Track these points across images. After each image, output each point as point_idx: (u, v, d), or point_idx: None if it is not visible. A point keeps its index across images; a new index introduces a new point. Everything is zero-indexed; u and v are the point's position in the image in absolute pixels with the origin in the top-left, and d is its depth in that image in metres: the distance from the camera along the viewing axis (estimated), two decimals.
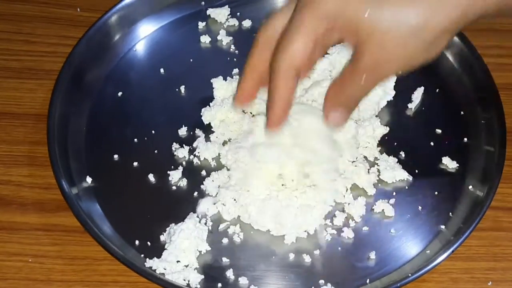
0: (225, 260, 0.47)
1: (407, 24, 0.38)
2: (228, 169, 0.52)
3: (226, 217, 0.49)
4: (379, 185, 0.51)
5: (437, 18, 0.38)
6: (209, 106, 0.55)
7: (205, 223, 0.49)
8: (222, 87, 0.55)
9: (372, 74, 0.40)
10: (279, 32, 0.40)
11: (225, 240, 0.48)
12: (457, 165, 0.52)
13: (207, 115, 0.54)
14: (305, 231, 0.49)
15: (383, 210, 0.50)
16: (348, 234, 0.49)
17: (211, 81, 0.56)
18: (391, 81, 0.56)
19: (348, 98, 0.41)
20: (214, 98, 0.55)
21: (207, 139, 0.53)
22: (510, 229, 0.50)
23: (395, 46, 0.39)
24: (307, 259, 0.47)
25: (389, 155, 0.53)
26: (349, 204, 0.50)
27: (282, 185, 0.50)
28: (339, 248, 0.48)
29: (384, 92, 0.55)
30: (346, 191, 0.51)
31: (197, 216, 0.49)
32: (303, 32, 0.39)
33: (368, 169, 0.52)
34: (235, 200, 0.49)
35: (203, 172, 0.52)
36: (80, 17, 0.63)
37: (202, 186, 0.51)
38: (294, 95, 0.41)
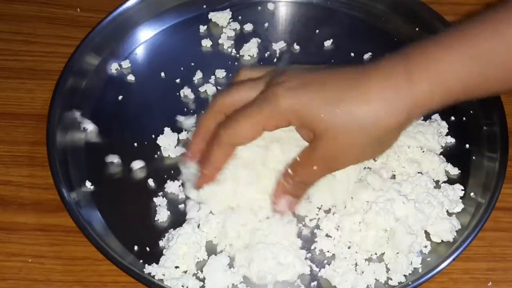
0: None
1: (359, 123, 0.42)
2: None
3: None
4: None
5: (387, 119, 0.42)
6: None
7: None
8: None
9: (324, 166, 0.44)
10: (235, 103, 0.45)
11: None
12: (459, 171, 0.52)
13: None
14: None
15: None
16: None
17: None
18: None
19: (297, 186, 0.45)
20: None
21: None
22: (510, 229, 0.51)
23: (348, 142, 0.42)
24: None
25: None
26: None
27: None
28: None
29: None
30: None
31: (194, 222, 0.48)
32: (256, 121, 0.43)
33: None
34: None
35: None
36: (80, 17, 0.63)
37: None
38: (227, 161, 0.46)
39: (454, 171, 0.52)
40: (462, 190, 0.51)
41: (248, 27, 0.61)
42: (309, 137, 0.44)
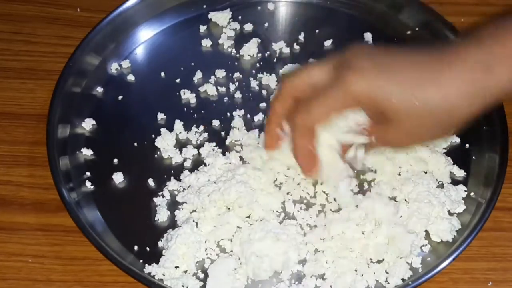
0: None
1: (432, 110, 0.41)
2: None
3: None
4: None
5: (462, 109, 0.41)
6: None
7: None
8: None
9: (391, 145, 0.46)
10: (304, 87, 0.44)
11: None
12: (465, 173, 0.52)
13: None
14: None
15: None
16: None
17: None
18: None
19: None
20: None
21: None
22: (510, 229, 0.51)
23: (417, 127, 0.42)
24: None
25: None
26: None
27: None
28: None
29: None
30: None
31: (193, 221, 0.48)
32: (330, 106, 0.43)
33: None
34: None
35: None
36: (80, 17, 0.63)
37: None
38: (314, 142, 0.45)
39: (460, 173, 0.52)
40: (465, 191, 0.51)
41: (248, 27, 0.61)
42: (377, 117, 0.43)
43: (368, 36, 0.61)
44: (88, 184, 0.51)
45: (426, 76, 0.41)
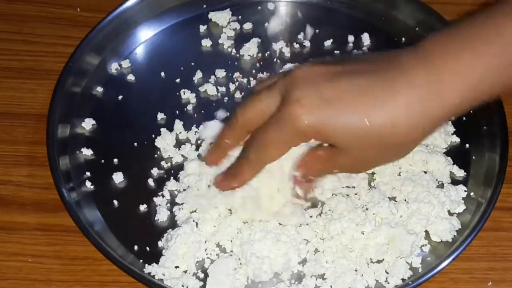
0: None
1: (380, 138, 0.41)
2: None
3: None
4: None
5: (412, 134, 0.41)
6: None
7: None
8: None
9: (343, 171, 0.46)
10: (256, 119, 0.44)
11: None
12: (465, 173, 0.52)
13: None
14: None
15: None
16: None
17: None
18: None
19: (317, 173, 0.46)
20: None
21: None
22: (510, 229, 0.51)
23: (368, 155, 0.42)
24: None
25: None
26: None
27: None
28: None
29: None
30: None
31: (193, 221, 0.48)
32: (280, 143, 0.43)
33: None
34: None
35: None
36: (80, 17, 0.63)
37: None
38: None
39: (460, 173, 0.52)
40: (465, 191, 0.51)
41: (248, 27, 0.61)
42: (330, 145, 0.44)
43: (367, 36, 0.61)
44: (88, 184, 0.51)
45: (373, 100, 0.40)
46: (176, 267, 0.46)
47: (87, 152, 0.53)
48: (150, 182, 0.51)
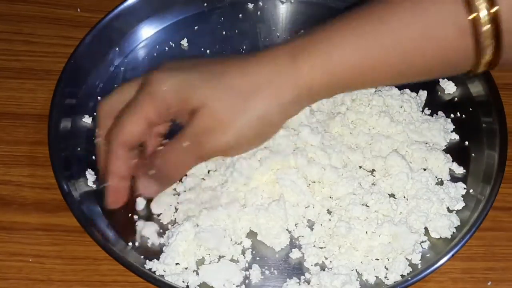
0: None
1: (238, 96, 0.39)
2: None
3: None
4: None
5: (269, 94, 0.40)
6: None
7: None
8: None
9: (195, 144, 0.41)
10: (118, 106, 0.43)
11: None
12: (464, 171, 0.52)
13: None
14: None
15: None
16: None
17: None
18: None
19: (162, 168, 0.43)
20: None
21: None
22: (510, 229, 0.51)
23: (225, 117, 0.40)
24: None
25: None
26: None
27: None
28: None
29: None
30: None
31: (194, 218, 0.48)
32: (137, 115, 0.41)
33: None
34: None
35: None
36: (80, 18, 0.63)
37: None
38: (129, 165, 0.44)
39: (459, 170, 0.52)
40: (464, 188, 0.51)
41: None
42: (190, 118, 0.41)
43: None
44: (89, 182, 0.51)
45: (232, 66, 0.40)
46: (177, 263, 0.46)
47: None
48: None
